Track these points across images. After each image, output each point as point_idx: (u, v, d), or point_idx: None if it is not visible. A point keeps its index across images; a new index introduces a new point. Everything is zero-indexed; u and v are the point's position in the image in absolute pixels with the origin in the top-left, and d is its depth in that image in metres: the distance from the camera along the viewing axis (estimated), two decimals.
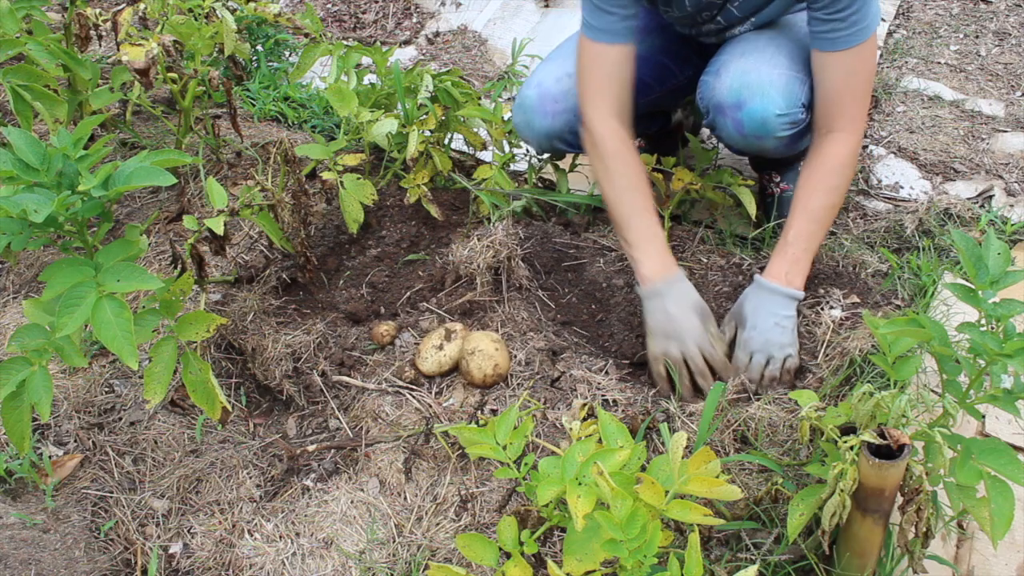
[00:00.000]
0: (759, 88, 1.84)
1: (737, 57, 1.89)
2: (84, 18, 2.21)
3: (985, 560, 1.53)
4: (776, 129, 1.86)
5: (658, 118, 2.37)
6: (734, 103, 1.87)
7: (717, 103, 1.91)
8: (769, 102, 1.83)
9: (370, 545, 1.61)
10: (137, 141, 2.58)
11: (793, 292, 1.78)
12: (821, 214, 1.80)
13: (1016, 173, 2.45)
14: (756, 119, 1.85)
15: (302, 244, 2.01)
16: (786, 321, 1.77)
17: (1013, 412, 1.23)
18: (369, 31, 3.36)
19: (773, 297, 1.78)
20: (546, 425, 1.74)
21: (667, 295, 1.79)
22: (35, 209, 1.37)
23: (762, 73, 1.84)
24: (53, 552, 1.62)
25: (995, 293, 1.26)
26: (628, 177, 1.87)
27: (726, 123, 1.91)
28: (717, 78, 1.91)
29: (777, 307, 1.77)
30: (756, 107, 1.84)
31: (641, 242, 1.84)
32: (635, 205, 1.86)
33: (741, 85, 1.86)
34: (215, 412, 1.57)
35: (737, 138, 1.93)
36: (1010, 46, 3.01)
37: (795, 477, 1.52)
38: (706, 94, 1.95)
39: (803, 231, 1.79)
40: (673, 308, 1.79)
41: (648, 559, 1.13)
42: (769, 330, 1.76)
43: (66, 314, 1.37)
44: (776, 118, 1.84)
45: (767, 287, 1.79)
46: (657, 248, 1.84)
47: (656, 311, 1.81)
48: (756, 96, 1.84)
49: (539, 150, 2.19)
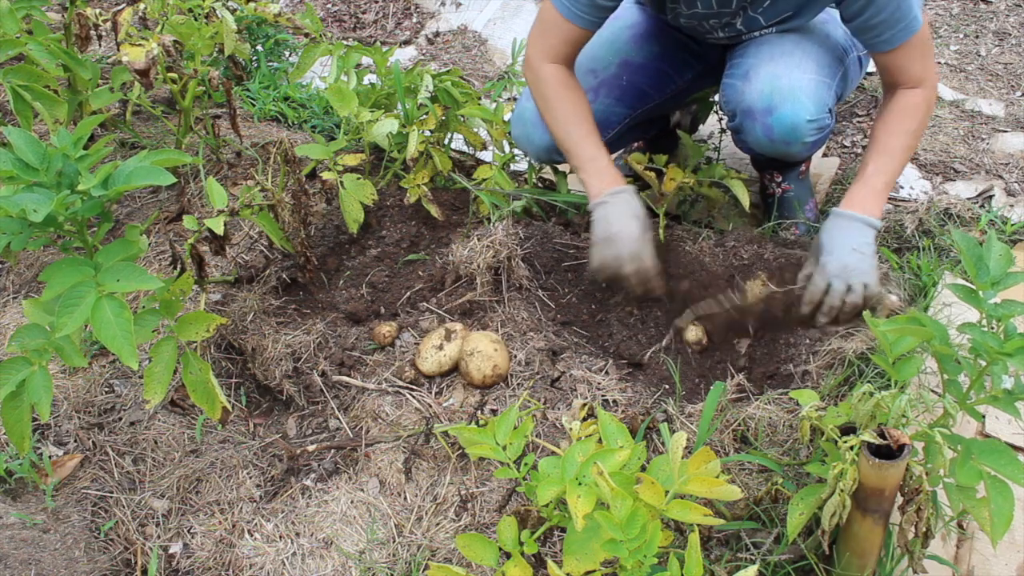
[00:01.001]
0: (790, 93, 1.84)
1: (766, 61, 1.89)
2: (84, 18, 2.21)
3: (985, 560, 1.53)
4: (805, 134, 1.87)
5: (657, 122, 2.37)
6: (764, 108, 1.87)
7: (747, 108, 1.91)
8: (800, 108, 1.84)
9: (370, 545, 1.61)
10: (137, 141, 2.58)
11: (870, 219, 1.78)
12: (898, 152, 1.81)
13: (1016, 173, 2.45)
14: (786, 124, 1.86)
15: (302, 244, 2.01)
16: (865, 247, 1.77)
17: (1013, 413, 1.23)
18: (369, 31, 3.36)
19: (851, 224, 1.78)
20: (546, 425, 1.74)
21: (610, 204, 1.86)
22: (35, 209, 1.37)
23: (793, 78, 1.85)
24: (53, 552, 1.62)
25: (996, 294, 1.26)
26: (566, 111, 1.94)
27: (755, 127, 1.91)
28: (746, 82, 1.90)
29: (855, 234, 1.77)
30: (787, 112, 1.85)
31: (586, 163, 1.92)
32: (578, 134, 1.93)
33: (772, 90, 1.86)
34: (215, 412, 1.57)
35: (765, 143, 1.93)
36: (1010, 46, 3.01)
37: (795, 477, 1.52)
38: (733, 98, 1.95)
39: (881, 166, 1.81)
40: (613, 215, 1.85)
41: (648, 559, 1.13)
42: (847, 255, 1.76)
43: (66, 314, 1.37)
44: (806, 124, 1.85)
45: (844, 215, 1.80)
46: (601, 167, 1.91)
47: (598, 220, 1.88)
48: (787, 102, 1.85)
49: (537, 161, 2.19)
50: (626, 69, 2.12)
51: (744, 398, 1.73)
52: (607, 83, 2.11)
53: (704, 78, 2.21)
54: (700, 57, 2.16)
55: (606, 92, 2.11)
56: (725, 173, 2.13)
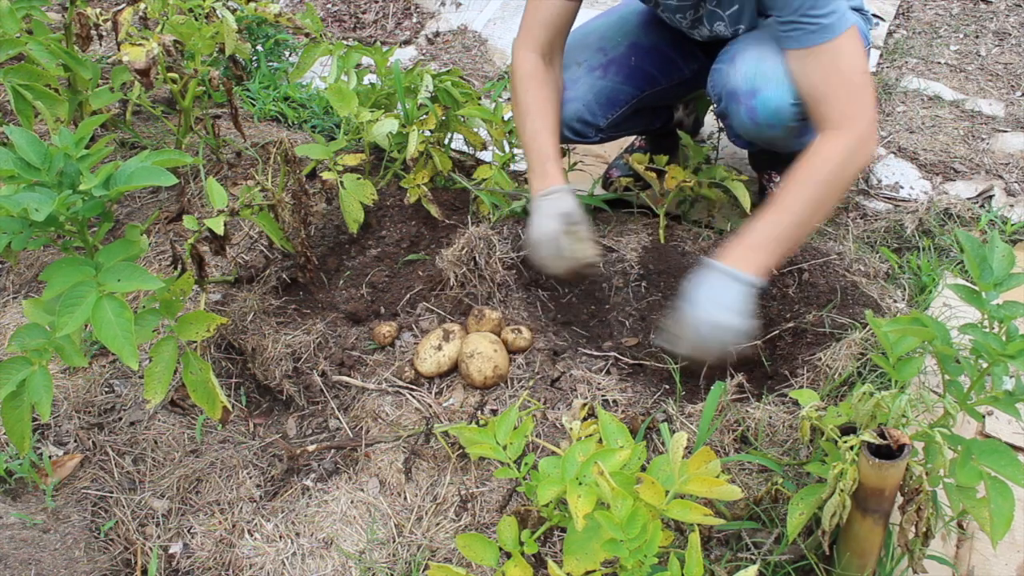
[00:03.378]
0: (774, 76, 1.83)
1: (753, 46, 1.89)
2: (84, 18, 2.21)
3: (985, 560, 1.53)
4: (789, 118, 1.85)
5: (662, 113, 2.37)
6: (748, 90, 1.86)
7: (731, 90, 1.90)
8: (784, 90, 1.83)
9: (370, 545, 1.61)
10: (137, 141, 2.58)
11: (738, 273, 1.64)
12: (797, 205, 1.67)
13: (1016, 173, 2.45)
14: (770, 107, 1.85)
15: (302, 244, 2.01)
16: (724, 301, 1.64)
17: (1014, 414, 1.23)
18: (369, 31, 3.36)
19: (714, 275, 1.66)
20: (546, 425, 1.74)
21: (540, 208, 1.87)
22: (36, 208, 1.37)
23: (778, 61, 1.83)
24: (53, 552, 1.62)
25: (998, 295, 1.26)
26: (528, 103, 1.95)
27: (739, 110, 1.91)
28: (731, 65, 1.90)
29: (718, 286, 1.65)
30: (771, 94, 1.84)
31: (532, 163, 1.93)
32: (533, 128, 1.93)
33: (756, 73, 1.85)
34: (216, 412, 1.57)
35: (749, 126, 1.92)
36: (1010, 46, 3.01)
37: (795, 477, 1.52)
38: (719, 81, 1.95)
39: (770, 220, 1.68)
40: (536, 217, 1.87)
41: (648, 559, 1.13)
42: (703, 308, 1.65)
43: (66, 313, 1.37)
44: (790, 107, 1.83)
45: (709, 264, 1.69)
46: (545, 166, 1.91)
47: (529, 223, 1.91)
48: (771, 83, 1.83)
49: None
50: (635, 51, 2.13)
51: (744, 398, 1.73)
52: (616, 61, 2.12)
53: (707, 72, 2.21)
54: (705, 51, 2.16)
55: (615, 70, 2.12)
56: (726, 174, 2.13)
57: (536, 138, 1.93)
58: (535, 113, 1.94)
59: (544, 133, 1.93)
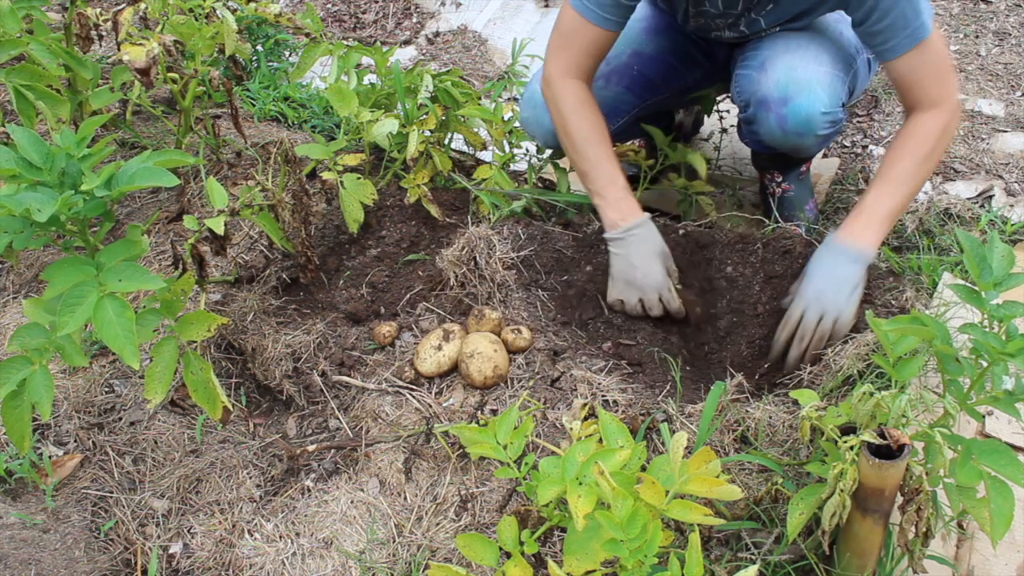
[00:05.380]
0: (806, 84, 1.83)
1: (782, 53, 1.88)
2: (85, 18, 2.21)
3: (985, 560, 1.53)
4: (819, 127, 1.86)
5: (662, 119, 2.38)
6: (780, 98, 1.86)
7: (761, 97, 1.90)
8: (815, 99, 1.83)
9: (370, 545, 1.61)
10: (137, 141, 2.58)
11: (860, 252, 1.74)
12: (904, 179, 1.76)
13: (1016, 173, 2.45)
14: (801, 115, 1.85)
15: (302, 244, 2.01)
16: (845, 278, 1.73)
17: (1014, 414, 1.23)
18: (369, 31, 3.36)
19: (835, 255, 1.75)
20: (546, 425, 1.74)
21: (630, 242, 1.84)
22: (39, 208, 1.37)
23: (809, 71, 1.84)
24: (53, 552, 1.62)
25: (998, 294, 1.27)
26: (585, 132, 1.90)
27: (768, 118, 1.90)
28: (762, 72, 1.89)
29: (838, 264, 1.74)
30: (802, 103, 1.84)
31: (602, 190, 1.89)
32: (595, 156, 1.90)
33: (788, 80, 1.85)
34: (216, 412, 1.57)
35: (778, 134, 1.92)
36: (1010, 46, 3.01)
37: (795, 477, 1.52)
38: (748, 87, 1.94)
39: (882, 194, 1.76)
40: (635, 256, 1.83)
41: (648, 559, 1.13)
42: (824, 285, 1.74)
43: (67, 313, 1.37)
44: (821, 116, 1.84)
45: (830, 245, 1.77)
46: (618, 194, 1.88)
47: (619, 258, 1.85)
48: (803, 92, 1.83)
49: (545, 145, 2.19)
50: (637, 59, 2.13)
51: (744, 398, 1.73)
52: (618, 71, 2.11)
53: (711, 76, 2.21)
54: (708, 55, 2.16)
55: (617, 80, 2.11)
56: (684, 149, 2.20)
57: (601, 166, 1.89)
58: (595, 141, 1.90)
59: (609, 159, 1.89)
